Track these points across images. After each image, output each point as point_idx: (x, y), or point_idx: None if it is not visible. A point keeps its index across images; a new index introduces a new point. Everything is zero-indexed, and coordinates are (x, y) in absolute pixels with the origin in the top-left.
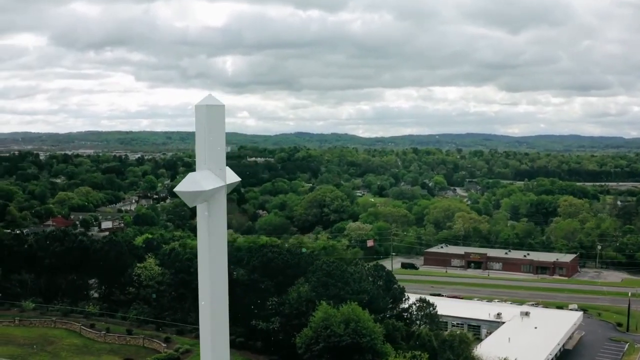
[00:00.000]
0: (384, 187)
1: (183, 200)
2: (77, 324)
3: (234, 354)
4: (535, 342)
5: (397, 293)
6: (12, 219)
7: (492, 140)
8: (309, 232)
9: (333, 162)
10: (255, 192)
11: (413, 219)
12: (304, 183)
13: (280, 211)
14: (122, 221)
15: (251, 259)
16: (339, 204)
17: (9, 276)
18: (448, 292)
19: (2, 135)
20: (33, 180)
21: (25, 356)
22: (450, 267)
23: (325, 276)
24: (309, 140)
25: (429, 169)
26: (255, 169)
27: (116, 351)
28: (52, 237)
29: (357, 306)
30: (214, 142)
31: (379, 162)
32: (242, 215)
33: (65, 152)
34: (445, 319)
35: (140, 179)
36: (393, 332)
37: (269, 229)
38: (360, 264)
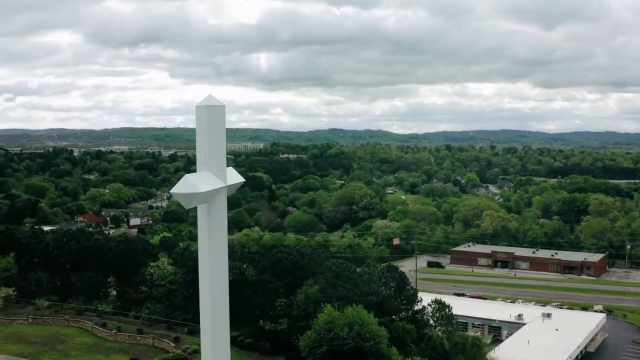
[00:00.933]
0: (416, 184)
1: (179, 202)
2: (89, 322)
3: (242, 355)
4: (555, 345)
5: (410, 295)
6: (43, 216)
7: (527, 137)
8: (338, 229)
9: (365, 158)
10: (287, 189)
11: (442, 217)
12: (335, 180)
13: (309, 208)
14: (150, 218)
15: (261, 259)
16: (367, 202)
17: (25, 274)
18: (472, 291)
19: (37, 132)
20: (66, 177)
21: (35, 354)
22: (477, 266)
23: (333, 277)
24: (342, 136)
25: (461, 165)
26: (287, 166)
27: (126, 350)
28: (69, 235)
29: (362, 309)
30: (214, 143)
31: (412, 159)
32: (271, 213)
33: (99, 148)
34: (465, 320)
35: (172, 176)
36: (403, 334)
37: (297, 226)
38: (373, 265)
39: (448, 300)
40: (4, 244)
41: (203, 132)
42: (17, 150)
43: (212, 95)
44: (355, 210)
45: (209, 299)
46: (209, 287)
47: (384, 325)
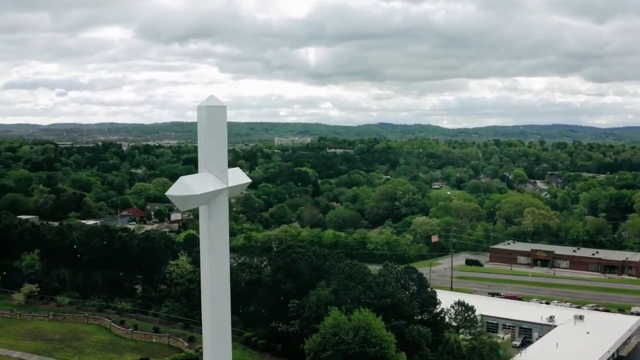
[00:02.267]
0: (463, 179)
1: (175, 204)
2: (108, 320)
3: (255, 356)
4: (585, 348)
5: (428, 297)
6: (88, 210)
7: (578, 131)
8: (380, 225)
9: (412, 153)
10: (332, 184)
11: (484, 214)
12: (381, 175)
13: (351, 204)
14: (191, 213)
15: (276, 259)
16: (410, 198)
17: (49, 271)
18: (508, 291)
19: (89, 126)
20: (113, 171)
21: (50, 351)
22: (516, 264)
23: (346, 279)
24: (391, 131)
25: (510, 161)
26: (334, 161)
27: (140, 349)
28: (93, 232)
29: (368, 313)
30: (214, 144)
31: (459, 154)
32: (313, 208)
33: (148, 142)
34: (496, 321)
35: None
36: (418, 338)
37: (338, 222)
38: (391, 266)
39: (481, 300)
40: (29, 240)
41: (204, 133)
42: (68, 145)
43: (214, 95)
44: (397, 206)
45: (209, 301)
46: (210, 288)
47: (398, 328)
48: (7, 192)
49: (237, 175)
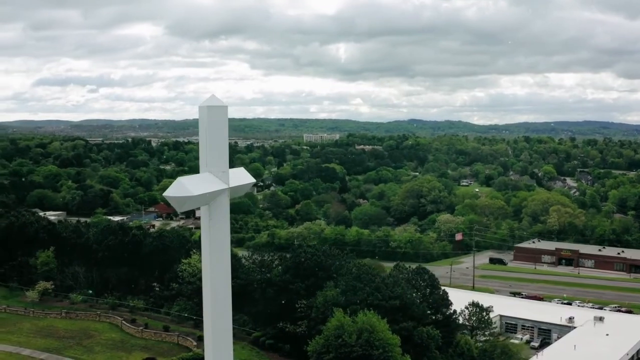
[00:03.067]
0: (492, 176)
1: (172, 205)
2: (120, 318)
3: (262, 356)
4: (603, 351)
5: (439, 298)
6: (115, 206)
7: (609, 128)
8: (405, 223)
9: (441, 150)
10: (359, 181)
11: (510, 212)
12: (410, 172)
13: (377, 201)
14: None
15: (286, 258)
16: (436, 195)
17: (64, 269)
18: (531, 290)
19: (120, 122)
20: (142, 167)
21: (60, 349)
22: (540, 263)
23: (354, 280)
24: (421, 127)
25: (539, 158)
26: (362, 157)
27: (149, 348)
28: (108, 230)
29: (373, 315)
30: (215, 144)
31: (489, 151)
32: (339, 205)
33: (177, 139)
34: (515, 322)
35: (247, 167)
36: (427, 340)
37: (364, 219)
38: (402, 267)
39: (501, 299)
40: (45, 238)
41: (205, 133)
42: (99, 141)
43: (215, 95)
44: (423, 203)
45: (210, 300)
46: (210, 288)
47: (407, 330)
48: (36, 188)
49: (240, 175)
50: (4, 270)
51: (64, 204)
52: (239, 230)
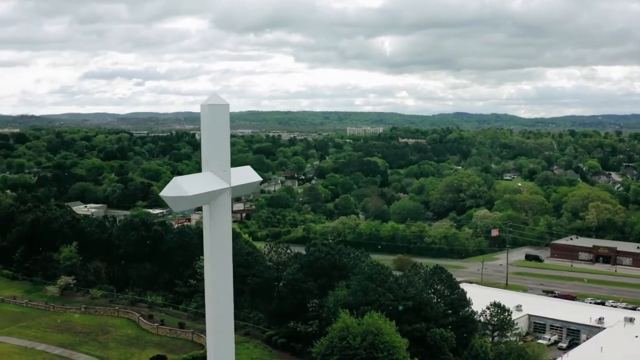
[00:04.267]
0: (536, 170)
1: (168, 205)
2: (137, 314)
3: (274, 355)
4: (631, 353)
5: (456, 298)
6: (155, 199)
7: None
8: (444, 217)
9: (485, 144)
10: (401, 174)
11: (550, 207)
12: (452, 165)
13: (417, 195)
14: (254, 203)
15: (300, 257)
16: (475, 189)
17: (86, 264)
18: (566, 289)
19: (166, 115)
20: (184, 160)
21: (74, 345)
22: (577, 260)
23: (366, 280)
24: (467, 120)
25: (584, 152)
26: (404, 151)
27: (163, 345)
28: (130, 226)
29: (379, 317)
30: (216, 143)
31: (533, 145)
32: (379, 199)
33: None
34: (543, 321)
35: (289, 160)
36: (440, 342)
37: (402, 214)
38: (419, 267)
39: (531, 298)
40: (69, 233)
41: (206, 132)
42: (144, 134)
43: (217, 94)
44: (462, 198)
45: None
46: (212, 286)
47: (419, 332)
48: (78, 181)
49: (244, 174)
50: (28, 265)
51: (105, 197)
52: (276, 224)
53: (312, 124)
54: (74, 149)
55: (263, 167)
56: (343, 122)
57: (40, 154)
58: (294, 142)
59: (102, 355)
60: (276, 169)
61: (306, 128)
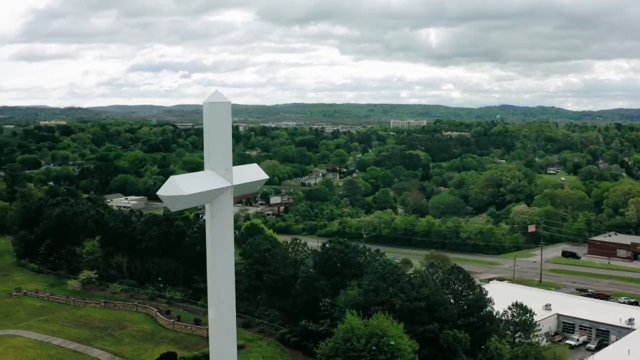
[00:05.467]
0: (580, 164)
1: (165, 204)
2: (155, 309)
3: (285, 354)
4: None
5: (472, 299)
6: None
7: None
8: (483, 212)
9: (530, 137)
10: (443, 168)
11: (591, 202)
12: (496, 159)
13: (456, 189)
14: (291, 196)
15: (314, 255)
16: (515, 184)
17: (108, 258)
18: (602, 287)
19: None
20: None
21: (90, 339)
22: (615, 258)
23: (378, 279)
24: (513, 113)
25: (630, 145)
26: (447, 144)
27: (178, 341)
28: (153, 221)
29: (385, 319)
30: (218, 141)
31: (579, 138)
32: (418, 193)
33: (264, 124)
34: (573, 321)
35: (332, 153)
36: (453, 344)
37: (441, 208)
38: (436, 266)
39: (562, 297)
40: (93, 227)
41: (208, 130)
42: (189, 126)
43: (219, 91)
44: (502, 192)
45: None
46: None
47: (432, 333)
48: (120, 173)
49: (249, 172)
50: (53, 259)
51: (146, 189)
52: (314, 218)
53: (357, 117)
54: (118, 141)
55: (305, 159)
56: (388, 114)
57: (85, 146)
58: (337, 135)
59: (115, 351)
60: (318, 161)
61: (350, 120)
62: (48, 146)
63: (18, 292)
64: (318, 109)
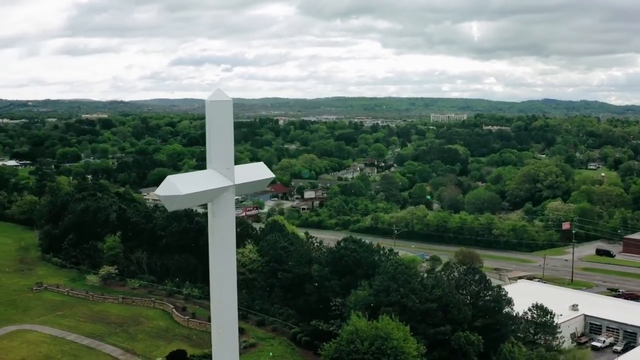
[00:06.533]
0: (621, 160)
1: (163, 204)
2: (171, 306)
3: (296, 353)
4: None
5: (488, 301)
6: None
7: None
8: (520, 208)
9: (571, 131)
10: (481, 163)
11: (629, 199)
12: (535, 154)
13: (493, 185)
14: (325, 191)
15: (325, 254)
16: (552, 180)
17: (129, 254)
18: (632, 286)
19: (253, 101)
20: (265, 146)
21: (104, 335)
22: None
23: (388, 280)
24: (555, 107)
25: None
26: (487, 138)
27: (190, 338)
28: (173, 217)
29: (390, 321)
30: (219, 140)
31: (621, 133)
32: (454, 188)
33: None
34: (600, 322)
35: (370, 147)
36: (465, 346)
37: (476, 204)
38: (452, 266)
39: (590, 297)
40: (115, 223)
41: (209, 129)
42: None
43: (220, 89)
44: (539, 188)
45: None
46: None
47: (444, 335)
48: (158, 167)
49: (254, 171)
50: (75, 253)
51: None
52: (348, 213)
53: (398, 111)
54: (158, 134)
55: (343, 153)
56: (429, 108)
57: (125, 139)
58: (376, 129)
59: (127, 347)
60: (356, 155)
61: (391, 114)
62: (88, 139)
63: (39, 286)
64: (359, 102)
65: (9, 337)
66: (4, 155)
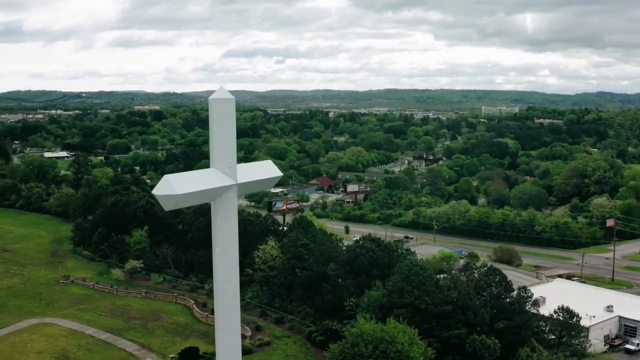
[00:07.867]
0: None
1: (160, 203)
2: (192, 301)
3: (309, 352)
4: None
5: (508, 302)
6: None
7: None
8: (567, 204)
9: (624, 125)
10: (531, 157)
11: None
12: (587, 148)
13: (540, 180)
14: (368, 185)
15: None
16: (600, 175)
17: (155, 248)
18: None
19: (304, 93)
20: (315, 139)
21: (122, 330)
22: None
23: (402, 281)
24: (610, 100)
25: None
26: (538, 132)
27: (208, 335)
28: (200, 211)
29: (397, 323)
30: (222, 138)
31: None
32: (501, 182)
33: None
34: (635, 324)
35: (419, 139)
36: (480, 350)
37: (522, 199)
38: (472, 267)
39: (628, 298)
40: (142, 217)
41: (212, 127)
42: (280, 111)
43: (223, 87)
44: (587, 183)
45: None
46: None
47: (458, 338)
48: (205, 159)
49: (259, 169)
50: (104, 247)
51: None
52: (391, 206)
53: (450, 103)
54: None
55: (391, 146)
56: (482, 100)
57: (175, 131)
58: (427, 122)
59: (144, 343)
60: (405, 148)
61: (443, 107)
62: (139, 131)
63: (65, 279)
64: (411, 94)
65: (29, 330)
66: (56, 147)
